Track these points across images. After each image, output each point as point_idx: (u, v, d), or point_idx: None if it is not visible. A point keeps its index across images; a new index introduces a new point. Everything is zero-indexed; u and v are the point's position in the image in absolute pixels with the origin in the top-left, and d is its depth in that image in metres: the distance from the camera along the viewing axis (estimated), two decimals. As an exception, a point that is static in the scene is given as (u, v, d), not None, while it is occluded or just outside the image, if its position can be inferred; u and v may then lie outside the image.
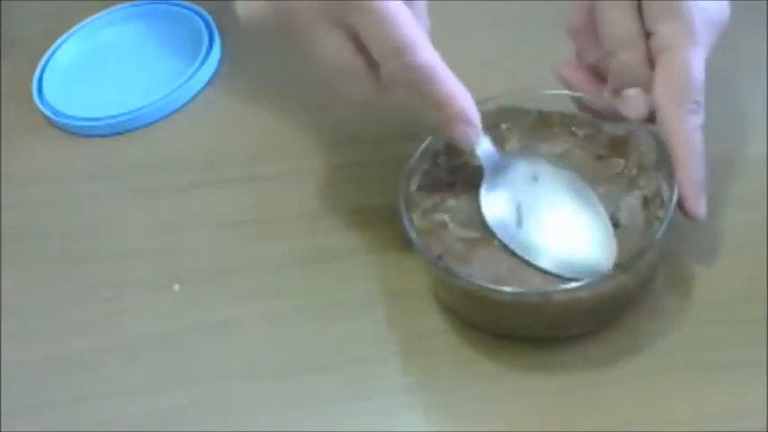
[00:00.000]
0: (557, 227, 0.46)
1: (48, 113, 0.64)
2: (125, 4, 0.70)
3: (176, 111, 0.63)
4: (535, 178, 0.48)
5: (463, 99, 0.44)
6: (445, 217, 0.47)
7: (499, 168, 0.47)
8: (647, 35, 0.48)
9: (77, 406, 0.48)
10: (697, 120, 0.47)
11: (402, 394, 0.46)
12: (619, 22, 0.48)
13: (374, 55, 0.43)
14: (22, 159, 0.62)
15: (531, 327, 0.46)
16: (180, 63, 0.65)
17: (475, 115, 0.45)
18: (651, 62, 0.48)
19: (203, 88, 0.64)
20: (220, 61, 0.66)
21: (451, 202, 0.48)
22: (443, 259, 0.45)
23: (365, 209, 0.53)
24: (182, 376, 0.48)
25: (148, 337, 0.50)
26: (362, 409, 0.46)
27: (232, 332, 0.50)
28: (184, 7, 0.69)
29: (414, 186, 0.48)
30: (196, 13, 0.68)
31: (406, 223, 0.46)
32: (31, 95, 0.65)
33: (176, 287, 0.52)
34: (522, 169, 0.48)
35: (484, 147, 0.47)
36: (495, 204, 0.47)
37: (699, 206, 0.46)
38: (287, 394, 0.47)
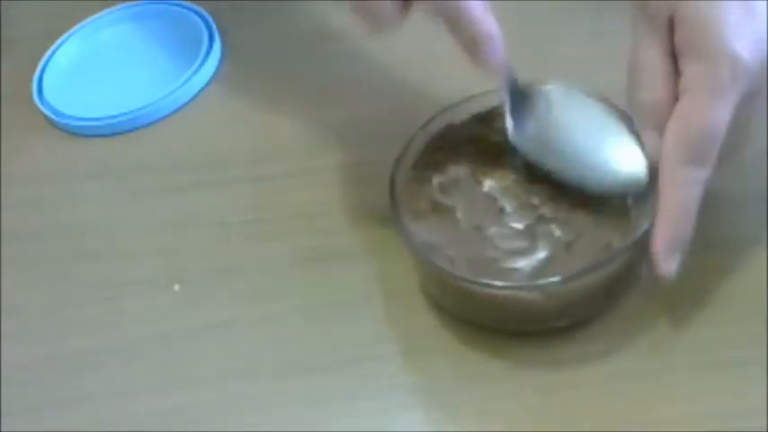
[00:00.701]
0: (584, 144, 0.46)
1: (48, 113, 0.64)
2: (125, 4, 0.70)
3: (176, 111, 0.63)
4: (556, 104, 0.48)
5: (489, 21, 0.44)
6: (432, 175, 0.48)
7: (522, 96, 0.47)
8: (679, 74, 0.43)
9: (77, 406, 0.48)
10: (696, 173, 0.42)
11: (402, 394, 0.46)
12: (647, 61, 0.44)
13: None
14: (22, 159, 0.62)
15: (461, 309, 0.47)
16: (180, 63, 0.65)
17: (500, 37, 0.45)
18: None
19: (203, 88, 0.64)
20: (220, 61, 0.66)
21: (446, 164, 0.48)
22: (402, 210, 0.46)
23: (365, 209, 0.53)
24: (182, 376, 0.48)
25: (148, 337, 0.50)
26: (362, 409, 0.46)
27: (232, 332, 0.50)
28: (184, 7, 0.69)
29: (421, 143, 0.49)
30: (196, 13, 0.68)
31: (392, 170, 0.48)
32: (31, 95, 0.65)
33: (176, 287, 0.52)
34: (543, 96, 0.48)
35: (507, 73, 0.47)
36: (521, 130, 0.47)
37: (665, 264, 0.42)
38: (287, 394, 0.47)
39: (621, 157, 0.46)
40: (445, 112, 0.50)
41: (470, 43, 0.44)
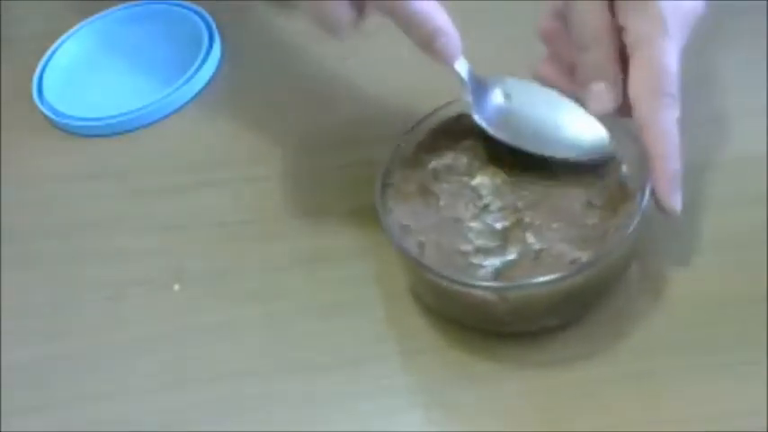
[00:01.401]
0: (547, 121, 0.48)
1: (48, 113, 0.64)
2: (125, 4, 0.70)
3: (176, 111, 0.63)
4: (515, 91, 0.49)
5: (440, 15, 0.45)
6: (429, 160, 0.49)
7: (481, 85, 0.49)
8: (620, 30, 0.47)
9: (77, 406, 0.48)
10: (673, 113, 0.46)
11: (402, 394, 0.46)
12: (589, 20, 0.47)
13: None
14: (22, 159, 0.62)
15: (430, 300, 0.48)
16: (180, 63, 0.65)
17: (453, 29, 0.46)
18: (622, 58, 0.48)
19: (203, 88, 0.64)
20: (220, 61, 0.66)
21: (445, 152, 0.49)
22: (389, 190, 0.48)
23: (365, 209, 0.53)
24: (182, 376, 0.48)
25: (148, 337, 0.50)
26: (362, 410, 0.46)
27: (232, 332, 0.50)
28: (184, 7, 0.69)
29: (427, 128, 0.50)
30: (196, 13, 0.68)
31: (392, 150, 0.49)
32: (31, 95, 0.65)
33: (176, 287, 0.52)
34: (501, 85, 0.49)
35: (464, 65, 0.48)
36: (485, 116, 0.48)
37: (674, 200, 0.45)
38: (287, 394, 0.47)
39: (583, 129, 0.48)
40: (458, 101, 0.50)
41: (425, 39, 0.45)
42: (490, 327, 0.46)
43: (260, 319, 0.50)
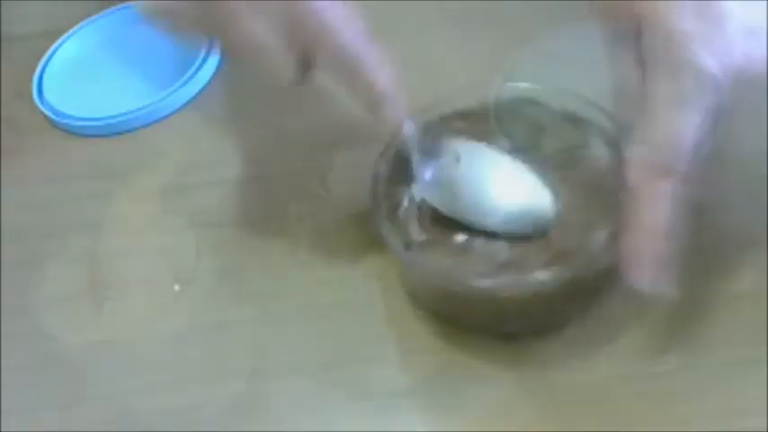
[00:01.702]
0: (490, 191, 0.47)
1: (48, 113, 0.64)
2: (125, 5, 0.70)
3: (176, 111, 0.63)
4: (458, 159, 0.48)
5: (387, 80, 0.44)
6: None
7: (426, 150, 0.48)
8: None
9: (77, 406, 0.48)
10: (664, 188, 0.40)
11: (402, 394, 0.46)
12: (629, 78, 0.43)
13: (305, 40, 0.43)
14: (22, 159, 0.62)
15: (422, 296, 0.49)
16: (180, 63, 0.65)
17: (399, 92, 0.45)
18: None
19: (203, 88, 0.64)
20: (220, 61, 0.66)
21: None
22: (394, 148, 0.48)
23: (366, 208, 0.53)
24: (182, 376, 0.48)
25: (148, 337, 0.50)
26: (362, 409, 0.46)
27: (232, 332, 0.50)
28: (184, 7, 0.69)
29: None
30: (196, 13, 0.68)
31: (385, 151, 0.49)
32: (31, 95, 0.65)
33: (176, 287, 0.52)
34: (447, 150, 0.48)
35: (408, 129, 0.47)
36: (427, 182, 0.48)
37: (635, 276, 0.41)
38: (287, 394, 0.47)
39: (528, 199, 0.47)
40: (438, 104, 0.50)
41: (371, 104, 0.45)
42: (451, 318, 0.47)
43: (260, 319, 0.50)
